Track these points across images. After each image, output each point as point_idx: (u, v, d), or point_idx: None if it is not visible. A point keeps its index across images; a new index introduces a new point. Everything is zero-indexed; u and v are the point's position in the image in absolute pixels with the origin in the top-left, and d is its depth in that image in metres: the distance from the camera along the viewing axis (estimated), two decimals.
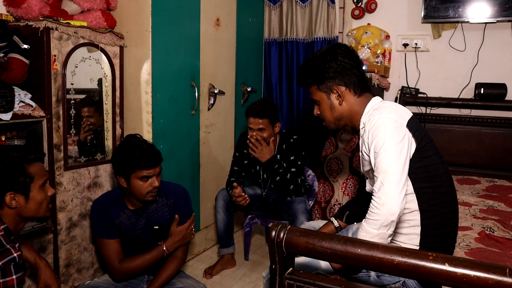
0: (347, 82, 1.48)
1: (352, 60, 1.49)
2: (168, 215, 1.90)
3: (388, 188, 1.24)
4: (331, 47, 1.52)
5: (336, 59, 1.47)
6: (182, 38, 2.48)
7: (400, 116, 1.36)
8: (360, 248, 1.05)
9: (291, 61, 3.36)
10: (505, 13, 2.86)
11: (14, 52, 1.87)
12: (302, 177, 2.55)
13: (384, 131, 1.31)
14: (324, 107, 1.54)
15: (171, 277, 1.88)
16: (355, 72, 1.49)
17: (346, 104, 1.50)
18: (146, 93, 2.29)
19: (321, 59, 1.50)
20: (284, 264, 1.18)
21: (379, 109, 1.39)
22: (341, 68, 1.47)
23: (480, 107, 3.02)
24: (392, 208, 1.22)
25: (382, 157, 1.29)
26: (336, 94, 1.49)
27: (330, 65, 1.48)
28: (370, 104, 1.48)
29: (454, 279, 0.94)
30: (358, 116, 1.50)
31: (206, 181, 2.82)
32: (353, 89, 1.49)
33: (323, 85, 1.50)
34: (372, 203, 1.28)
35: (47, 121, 1.95)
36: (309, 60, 1.57)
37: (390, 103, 1.45)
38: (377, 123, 1.34)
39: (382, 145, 1.29)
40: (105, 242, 1.83)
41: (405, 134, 1.32)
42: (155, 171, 1.78)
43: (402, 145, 1.30)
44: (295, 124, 3.42)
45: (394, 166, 1.26)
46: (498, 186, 2.72)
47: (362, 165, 1.54)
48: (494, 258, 1.67)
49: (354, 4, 3.36)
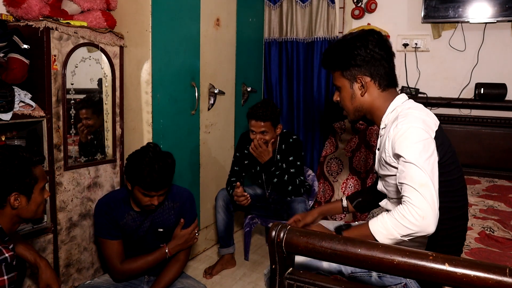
0: (374, 73, 1.39)
1: (383, 50, 1.39)
2: (173, 219, 1.90)
3: (431, 203, 1.16)
4: (363, 33, 1.41)
5: (366, 47, 1.37)
6: (182, 38, 2.47)
7: (429, 128, 1.28)
8: (360, 248, 1.05)
9: (291, 61, 3.36)
10: (505, 13, 2.86)
11: (14, 52, 1.86)
12: (301, 177, 2.55)
13: (415, 144, 1.22)
14: (344, 95, 1.45)
15: (173, 280, 1.88)
16: (383, 64, 1.39)
17: (368, 96, 1.41)
18: (146, 93, 2.29)
19: (350, 45, 1.39)
20: (284, 264, 1.18)
21: (407, 117, 1.29)
22: (369, 57, 1.37)
23: (480, 107, 3.01)
24: (431, 226, 1.15)
25: (414, 169, 1.20)
26: (360, 84, 1.40)
27: (359, 52, 1.37)
28: (394, 103, 1.40)
29: (454, 279, 0.94)
30: (380, 113, 1.41)
31: (206, 181, 2.82)
32: (379, 81, 1.40)
33: (347, 72, 1.41)
34: (410, 210, 1.17)
35: (47, 121, 1.95)
36: (338, 42, 1.45)
37: (417, 108, 1.35)
38: (406, 134, 1.24)
39: (414, 158, 1.20)
40: (108, 242, 1.83)
41: (434, 149, 1.25)
42: (158, 193, 1.76)
43: (433, 160, 1.24)
44: (295, 124, 3.41)
45: (431, 181, 1.19)
46: (498, 186, 2.72)
47: (379, 168, 1.46)
48: (494, 258, 1.67)
49: (354, 4, 3.36)
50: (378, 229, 1.22)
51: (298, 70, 3.34)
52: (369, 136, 3.02)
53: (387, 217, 1.22)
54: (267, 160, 2.47)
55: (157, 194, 1.75)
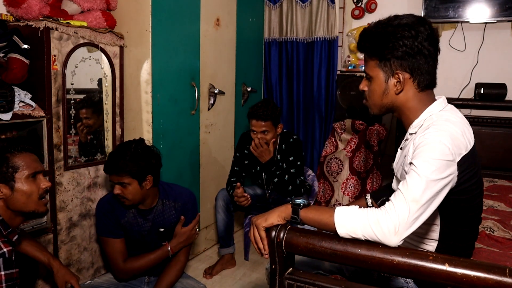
0: (416, 70, 1.20)
1: (432, 46, 1.20)
2: (174, 218, 1.91)
3: (411, 222, 1.04)
4: (415, 21, 1.20)
5: (416, 38, 1.17)
6: (182, 38, 2.47)
7: (457, 149, 1.12)
8: (360, 248, 1.05)
9: (291, 61, 3.36)
10: (505, 13, 2.86)
11: (14, 52, 1.86)
12: (301, 178, 2.55)
13: (433, 160, 1.08)
14: (375, 88, 1.26)
15: (175, 281, 1.88)
16: (429, 62, 1.21)
17: (403, 96, 1.23)
18: (146, 93, 2.29)
19: (397, 32, 1.19)
20: (284, 264, 1.18)
21: (439, 129, 1.13)
22: (416, 51, 1.18)
23: (480, 107, 3.01)
24: (396, 243, 1.04)
25: (418, 183, 1.06)
26: (397, 80, 1.22)
27: (405, 42, 1.17)
28: (431, 109, 1.22)
29: (454, 279, 0.94)
30: (412, 116, 1.24)
31: (206, 181, 2.82)
32: (419, 80, 1.21)
33: (386, 63, 1.22)
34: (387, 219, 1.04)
35: (47, 121, 1.95)
36: (382, 25, 1.23)
37: (454, 122, 1.18)
38: (429, 147, 1.10)
39: (424, 172, 1.07)
40: (110, 241, 1.83)
41: (450, 172, 1.10)
42: (113, 179, 1.75)
43: (443, 183, 1.09)
44: (295, 124, 3.42)
45: (427, 203, 1.06)
46: (498, 186, 2.72)
47: (397, 172, 1.33)
48: (494, 258, 1.67)
49: (354, 4, 3.36)
50: (343, 223, 1.08)
51: (298, 70, 3.34)
52: (369, 136, 3.02)
53: (358, 215, 1.08)
54: (268, 160, 2.47)
55: (113, 179, 1.75)
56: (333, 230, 1.10)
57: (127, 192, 1.75)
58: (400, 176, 1.29)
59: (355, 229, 1.07)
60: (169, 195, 1.91)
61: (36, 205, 1.40)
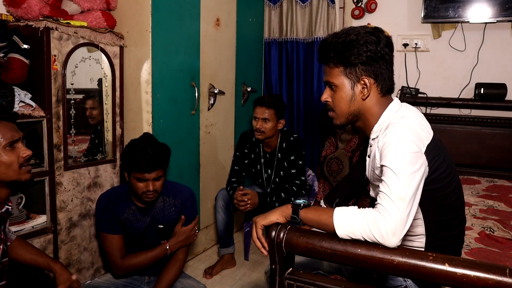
0: (379, 75, 1.24)
1: (391, 52, 1.26)
2: (174, 215, 1.91)
3: (404, 220, 1.06)
4: (375, 29, 1.25)
5: (378, 44, 1.21)
6: (182, 38, 2.47)
7: (420, 141, 1.16)
8: (360, 248, 1.05)
9: (291, 61, 3.36)
10: (505, 13, 2.86)
11: (14, 52, 1.86)
12: (302, 178, 2.55)
13: (403, 155, 1.11)
14: (342, 96, 1.27)
15: (174, 280, 1.88)
16: (389, 67, 1.26)
17: (369, 101, 1.26)
18: (146, 93, 2.29)
19: (361, 38, 1.21)
20: (284, 264, 1.18)
21: (397, 126, 1.17)
22: (379, 56, 1.22)
23: (480, 107, 3.02)
24: (395, 243, 1.05)
25: (397, 181, 1.09)
26: (362, 86, 1.24)
27: (369, 47, 1.20)
28: (387, 112, 1.26)
29: (454, 279, 0.94)
30: (373, 120, 1.28)
31: (206, 181, 2.82)
32: (382, 86, 1.25)
33: (352, 70, 1.23)
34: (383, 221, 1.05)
35: (47, 121, 1.95)
36: (342, 35, 1.23)
37: (411, 118, 1.22)
38: (394, 145, 1.13)
39: (399, 169, 1.10)
40: (109, 237, 1.84)
41: (422, 163, 1.14)
42: (151, 176, 1.76)
43: (420, 175, 1.12)
44: (295, 124, 3.41)
45: (412, 196, 1.08)
46: (498, 186, 2.72)
47: (372, 178, 1.36)
48: (494, 258, 1.67)
49: (354, 4, 3.36)
50: (342, 225, 1.10)
51: (298, 70, 3.34)
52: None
53: (357, 216, 1.09)
54: (260, 199, 2.46)
55: (150, 177, 1.76)
56: (333, 231, 1.11)
57: (159, 185, 1.80)
58: (374, 181, 1.32)
59: (354, 231, 1.08)
60: (169, 192, 1.92)
61: (17, 174, 1.33)
